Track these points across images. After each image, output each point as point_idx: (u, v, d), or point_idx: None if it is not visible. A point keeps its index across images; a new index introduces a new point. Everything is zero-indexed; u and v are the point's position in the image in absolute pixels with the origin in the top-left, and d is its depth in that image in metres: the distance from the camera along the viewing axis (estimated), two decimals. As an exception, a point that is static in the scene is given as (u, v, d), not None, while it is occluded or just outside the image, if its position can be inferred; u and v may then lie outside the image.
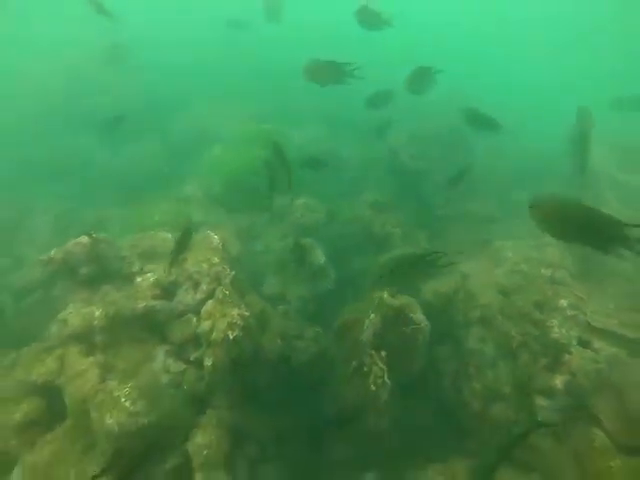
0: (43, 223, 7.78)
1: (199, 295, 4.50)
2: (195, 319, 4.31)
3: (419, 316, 4.57)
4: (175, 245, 4.11)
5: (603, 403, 3.85)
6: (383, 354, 4.33)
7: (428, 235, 6.88)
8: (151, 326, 4.40)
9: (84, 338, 4.24)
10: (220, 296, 4.32)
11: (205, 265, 4.71)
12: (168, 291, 4.64)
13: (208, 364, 3.89)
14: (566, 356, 4.19)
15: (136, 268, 4.91)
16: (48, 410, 4.00)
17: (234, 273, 4.74)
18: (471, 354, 4.77)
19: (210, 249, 5.01)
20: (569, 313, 4.49)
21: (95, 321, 4.23)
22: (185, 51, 12.76)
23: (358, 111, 7.12)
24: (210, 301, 4.33)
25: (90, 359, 4.07)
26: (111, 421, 3.46)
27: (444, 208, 7.33)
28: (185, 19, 16.03)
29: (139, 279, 4.69)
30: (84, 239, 4.70)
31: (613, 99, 9.47)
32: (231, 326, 3.96)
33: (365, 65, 4.84)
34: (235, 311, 4.12)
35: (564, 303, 4.57)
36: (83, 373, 3.93)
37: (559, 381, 4.07)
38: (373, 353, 4.32)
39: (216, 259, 4.82)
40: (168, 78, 11.59)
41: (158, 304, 4.45)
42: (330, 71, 4.99)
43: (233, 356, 3.97)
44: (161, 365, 4.06)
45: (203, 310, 4.26)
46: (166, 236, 5.38)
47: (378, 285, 4.65)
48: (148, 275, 4.73)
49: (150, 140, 9.64)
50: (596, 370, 4.03)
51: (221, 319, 4.04)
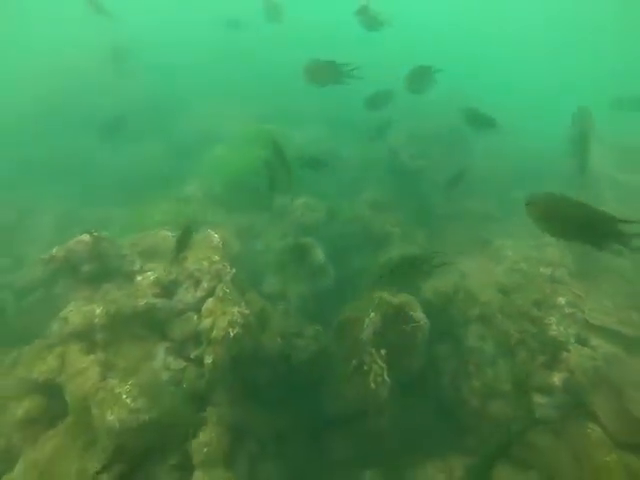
0: (43, 223, 7.81)
1: (199, 293, 4.51)
2: (195, 317, 4.33)
3: (419, 314, 4.60)
4: (176, 243, 4.14)
5: (600, 400, 3.88)
6: (383, 352, 4.35)
7: (427, 234, 6.92)
8: (152, 324, 4.41)
9: (85, 336, 4.25)
10: (220, 294, 4.34)
11: (206, 263, 4.73)
12: (168, 289, 4.65)
13: (208, 362, 3.90)
14: (564, 354, 4.22)
15: (137, 266, 4.92)
16: (49, 407, 4.01)
17: (234, 271, 4.76)
18: (471, 352, 4.80)
19: (211, 247, 5.02)
20: (567, 311, 4.52)
21: (96, 319, 4.24)
22: (185, 51, 12.80)
23: (358, 111, 7.13)
24: (211, 299, 4.35)
25: (91, 357, 4.08)
26: (112, 417, 3.47)
27: (444, 207, 7.35)
28: (185, 19, 16.05)
29: (140, 277, 4.70)
30: (86, 237, 4.72)
31: (613, 99, 9.49)
32: (232, 324, 3.98)
33: (365, 65, 4.86)
34: (235, 309, 4.14)
35: (562, 301, 4.60)
36: (84, 371, 3.94)
37: (557, 378, 4.10)
38: (373, 351, 4.34)
39: (216, 257, 4.83)
40: (168, 78, 11.65)
41: (159, 302, 4.46)
42: (330, 71, 5.02)
43: (233, 354, 3.98)
44: (161, 363, 4.08)
45: (204, 308, 4.28)
46: (166, 235, 5.39)
47: (378, 285, 4.67)
48: (149, 273, 4.74)
49: (151, 140, 9.66)
50: (594, 367, 4.06)
51: (222, 317, 4.06)
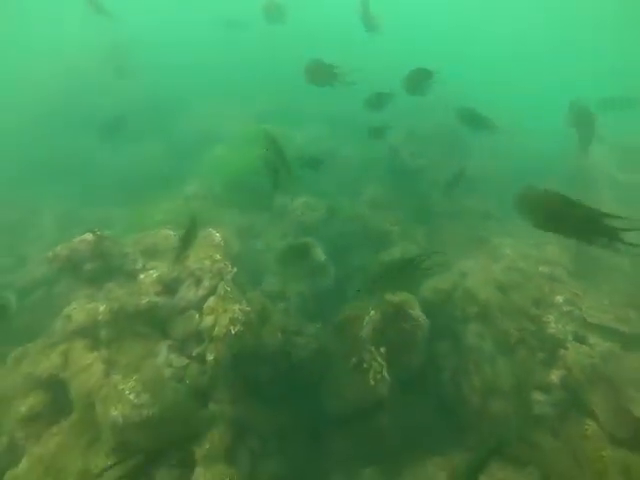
0: (45, 223, 7.86)
1: (201, 291, 4.55)
2: (197, 315, 4.37)
3: (418, 312, 4.64)
4: (180, 241, 4.15)
5: (597, 397, 3.92)
6: (382, 350, 4.40)
7: (427, 232, 6.94)
8: (154, 322, 4.45)
9: (88, 333, 4.31)
10: (222, 292, 4.39)
11: (207, 262, 4.77)
12: (170, 287, 4.70)
13: (210, 359, 3.95)
14: (562, 351, 4.26)
15: (139, 265, 4.97)
16: (53, 404, 4.07)
17: (236, 270, 4.81)
18: (470, 350, 4.83)
19: (212, 246, 5.07)
20: (565, 309, 4.57)
21: (99, 317, 4.30)
22: (186, 51, 12.82)
23: (359, 111, 7.17)
24: (212, 297, 4.39)
25: (94, 354, 4.13)
26: (116, 413, 3.52)
27: (443, 206, 7.39)
28: (185, 19, 16.09)
29: (142, 276, 4.75)
30: (89, 236, 4.77)
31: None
32: (233, 321, 4.03)
33: (365, 66, 4.90)
34: (237, 307, 4.19)
35: (560, 299, 4.65)
36: (88, 368, 4.00)
37: (555, 376, 4.15)
38: (373, 349, 4.39)
39: (218, 256, 4.88)
40: (168, 78, 11.65)
41: (161, 300, 4.51)
42: (330, 72, 5.06)
43: (235, 351, 4.03)
44: (164, 360, 4.12)
45: (205, 306, 4.32)
46: (168, 234, 5.43)
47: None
48: (151, 272, 4.79)
49: (151, 140, 9.69)
50: (591, 365, 4.10)
51: (223, 314, 4.11)
